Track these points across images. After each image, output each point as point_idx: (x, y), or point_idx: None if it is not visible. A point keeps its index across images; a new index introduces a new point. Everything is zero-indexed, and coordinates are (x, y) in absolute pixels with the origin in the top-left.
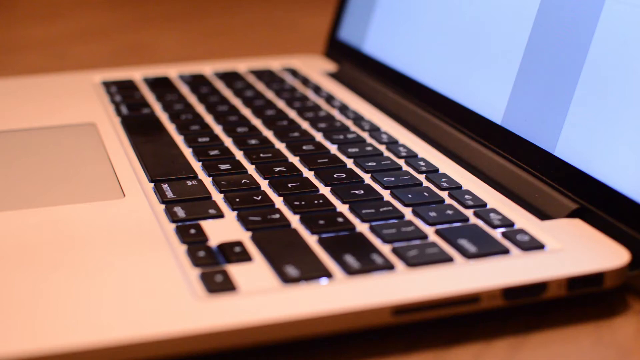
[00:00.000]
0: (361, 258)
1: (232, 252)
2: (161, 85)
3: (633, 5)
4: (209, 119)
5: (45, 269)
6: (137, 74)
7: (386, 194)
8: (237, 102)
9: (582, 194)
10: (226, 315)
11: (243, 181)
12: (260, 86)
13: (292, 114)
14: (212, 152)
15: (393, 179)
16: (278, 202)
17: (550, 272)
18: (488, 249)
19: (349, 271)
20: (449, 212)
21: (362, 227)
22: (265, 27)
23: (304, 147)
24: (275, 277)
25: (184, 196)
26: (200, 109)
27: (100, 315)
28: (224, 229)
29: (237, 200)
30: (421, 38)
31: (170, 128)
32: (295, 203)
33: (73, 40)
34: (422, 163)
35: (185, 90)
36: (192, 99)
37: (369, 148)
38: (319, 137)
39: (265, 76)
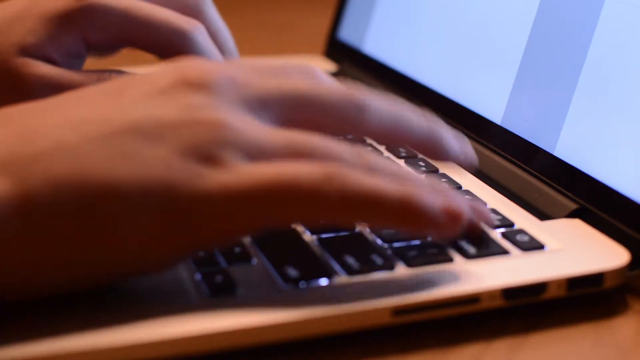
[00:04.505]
0: (361, 258)
1: (232, 253)
2: None
3: (633, 5)
4: None
5: None
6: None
7: None
8: None
9: (582, 194)
10: (226, 316)
11: None
12: None
13: None
14: None
15: None
16: None
17: (550, 273)
18: (488, 249)
19: (349, 271)
20: None
21: (362, 228)
22: (265, 27)
23: None
24: (275, 277)
25: None
26: None
27: (100, 316)
28: None
29: None
30: (421, 38)
31: None
32: None
33: None
34: (421, 163)
35: None
36: None
37: (368, 148)
38: None
39: None
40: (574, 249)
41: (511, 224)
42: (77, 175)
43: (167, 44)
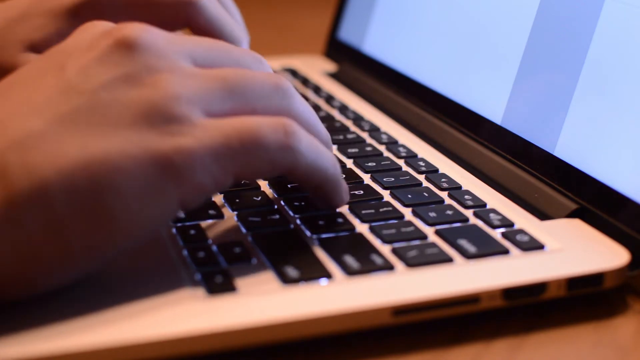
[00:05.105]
0: (361, 258)
1: (232, 253)
2: None
3: (633, 5)
4: None
5: None
6: None
7: (386, 194)
8: None
9: (582, 194)
10: (226, 316)
11: (243, 182)
12: None
13: None
14: None
15: (393, 179)
16: (278, 202)
17: (550, 273)
18: (488, 249)
19: (349, 272)
20: (449, 212)
21: (362, 228)
22: (265, 27)
23: None
24: (275, 277)
25: None
26: None
27: (101, 316)
28: (224, 229)
29: (237, 200)
30: (421, 38)
31: None
32: (295, 204)
33: None
34: (421, 163)
35: None
36: None
37: (368, 148)
38: None
39: None
40: (574, 249)
41: (511, 224)
42: (58, 160)
43: (177, 18)
